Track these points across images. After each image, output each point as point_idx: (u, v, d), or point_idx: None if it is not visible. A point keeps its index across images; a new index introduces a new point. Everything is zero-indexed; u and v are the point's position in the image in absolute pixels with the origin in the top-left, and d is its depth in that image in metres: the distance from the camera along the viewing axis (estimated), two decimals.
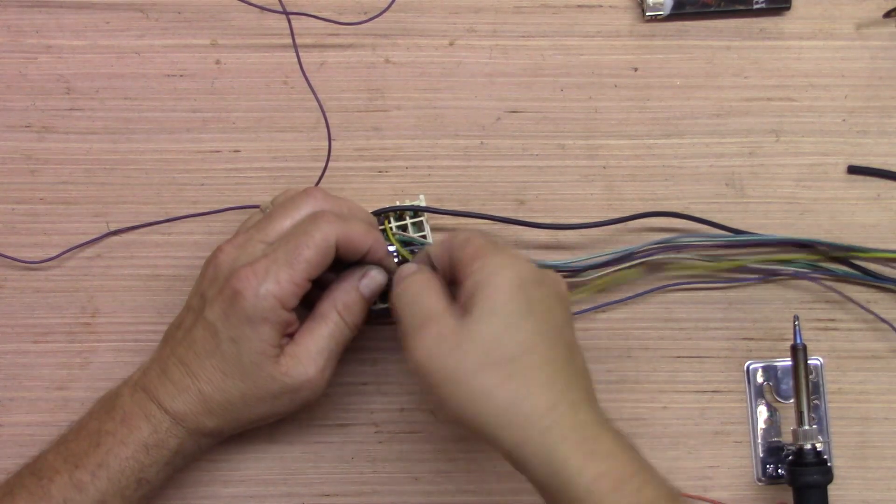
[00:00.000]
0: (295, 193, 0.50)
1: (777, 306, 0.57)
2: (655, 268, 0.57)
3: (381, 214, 0.54)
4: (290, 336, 0.49)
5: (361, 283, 0.50)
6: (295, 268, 0.46)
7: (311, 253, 0.46)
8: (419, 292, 0.46)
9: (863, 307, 0.56)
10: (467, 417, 0.43)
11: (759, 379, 0.57)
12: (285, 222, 0.48)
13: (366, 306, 0.50)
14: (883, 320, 0.56)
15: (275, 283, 0.46)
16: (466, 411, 0.43)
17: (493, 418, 0.42)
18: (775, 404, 0.56)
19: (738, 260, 0.56)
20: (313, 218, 0.48)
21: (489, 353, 0.43)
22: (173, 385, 0.48)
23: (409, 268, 0.49)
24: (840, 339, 0.57)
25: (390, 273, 0.51)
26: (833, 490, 0.52)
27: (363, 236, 0.48)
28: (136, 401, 0.49)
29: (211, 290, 0.48)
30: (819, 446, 0.52)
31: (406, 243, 0.54)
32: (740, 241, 0.56)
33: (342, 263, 0.50)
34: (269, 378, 0.48)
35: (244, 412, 0.49)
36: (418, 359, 0.44)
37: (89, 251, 0.57)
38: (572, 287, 0.56)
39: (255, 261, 0.47)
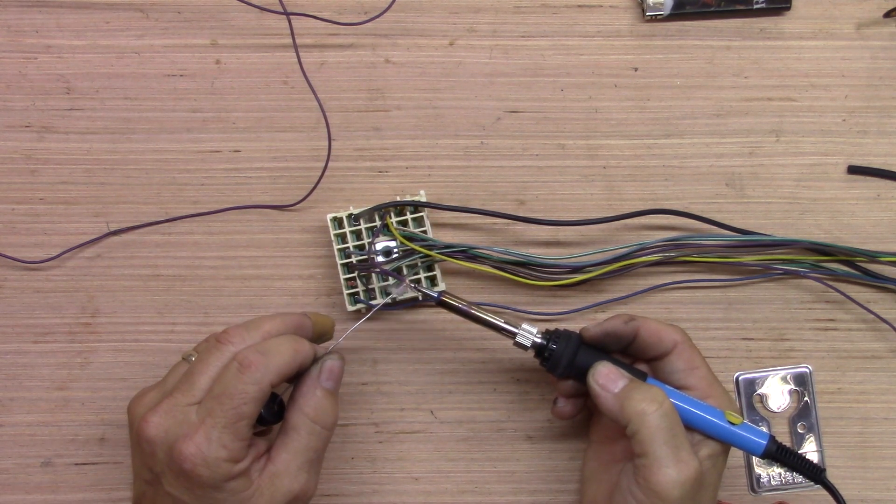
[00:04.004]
0: (210, 344, 0.47)
1: (777, 306, 0.57)
2: (656, 267, 0.57)
3: (383, 210, 0.54)
4: (260, 440, 0.47)
5: (322, 380, 0.48)
6: (237, 426, 0.44)
7: (249, 408, 0.44)
8: (676, 424, 0.46)
9: (863, 307, 0.56)
10: None
11: (749, 389, 0.57)
12: (208, 377, 0.46)
13: (335, 398, 0.48)
14: (883, 320, 0.56)
15: (221, 449, 0.44)
16: None
17: None
18: (764, 413, 0.56)
19: (738, 258, 0.56)
20: (241, 368, 0.45)
21: None
22: None
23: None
24: (840, 339, 0.57)
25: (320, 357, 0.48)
26: None
27: (290, 363, 0.46)
28: None
29: (157, 465, 0.45)
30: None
31: (409, 238, 0.54)
32: (748, 241, 0.56)
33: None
34: None
35: None
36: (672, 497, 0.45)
37: (89, 251, 0.57)
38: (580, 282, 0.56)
39: (193, 430, 0.44)
